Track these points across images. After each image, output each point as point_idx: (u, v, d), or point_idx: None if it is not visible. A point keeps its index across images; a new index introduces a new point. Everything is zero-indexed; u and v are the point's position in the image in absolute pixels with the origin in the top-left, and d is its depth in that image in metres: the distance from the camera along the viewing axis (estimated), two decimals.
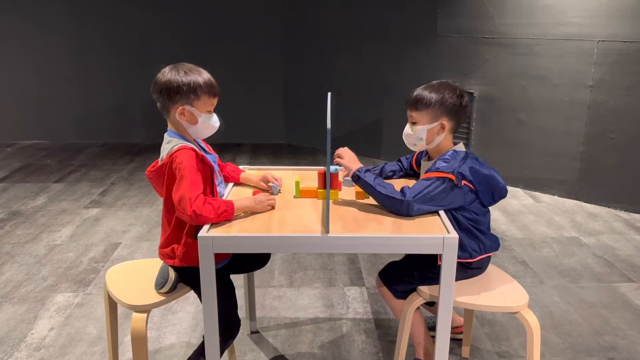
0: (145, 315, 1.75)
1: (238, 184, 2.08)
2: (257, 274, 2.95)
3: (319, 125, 5.49)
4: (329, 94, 1.82)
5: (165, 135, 1.80)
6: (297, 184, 1.92)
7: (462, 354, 2.30)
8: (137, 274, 1.95)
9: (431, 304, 2.32)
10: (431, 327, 2.28)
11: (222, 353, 1.73)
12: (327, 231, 1.57)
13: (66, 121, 6.04)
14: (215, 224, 1.65)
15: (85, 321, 2.54)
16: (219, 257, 1.73)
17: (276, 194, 1.96)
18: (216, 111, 1.85)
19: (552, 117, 4.20)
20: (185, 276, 1.82)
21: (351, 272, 3.04)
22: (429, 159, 1.98)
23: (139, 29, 5.75)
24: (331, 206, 1.82)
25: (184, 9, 5.69)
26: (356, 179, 1.83)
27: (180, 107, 1.74)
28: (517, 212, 3.99)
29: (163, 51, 5.70)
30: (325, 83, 5.46)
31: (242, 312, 2.06)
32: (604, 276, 3.02)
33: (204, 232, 1.58)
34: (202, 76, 1.75)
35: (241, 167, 2.15)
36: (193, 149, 1.72)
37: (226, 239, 1.57)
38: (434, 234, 1.60)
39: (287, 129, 6.06)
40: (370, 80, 5.21)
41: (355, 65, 5.26)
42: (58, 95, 5.96)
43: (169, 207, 1.76)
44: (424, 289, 1.85)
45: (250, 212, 1.74)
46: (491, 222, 1.97)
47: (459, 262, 1.71)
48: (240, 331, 1.90)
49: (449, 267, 1.57)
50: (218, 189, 1.84)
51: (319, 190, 1.91)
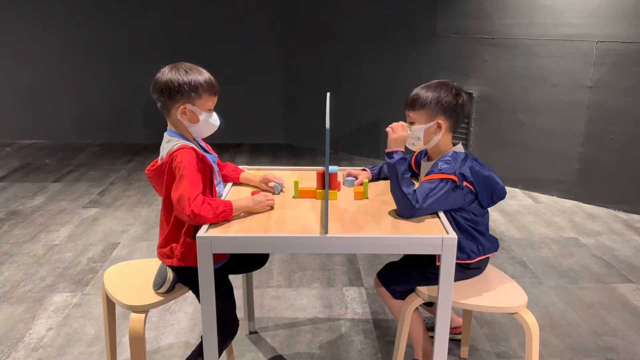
0: (144, 315, 1.75)
1: (237, 183, 2.07)
2: (256, 274, 2.95)
3: (317, 125, 5.48)
4: (328, 94, 1.82)
5: (165, 134, 1.80)
6: (296, 184, 1.92)
7: (461, 355, 2.30)
8: (135, 274, 1.95)
9: (430, 305, 2.31)
10: (430, 328, 2.28)
11: (220, 353, 1.72)
12: (326, 231, 1.57)
13: (65, 121, 6.03)
14: (213, 224, 1.64)
15: (83, 321, 2.54)
16: (217, 257, 1.72)
17: (278, 193, 1.96)
18: (215, 111, 1.85)
19: (551, 118, 4.20)
20: (184, 276, 1.82)
21: (350, 273, 3.04)
22: (429, 159, 1.98)
23: (137, 29, 5.74)
24: (330, 206, 1.82)
25: (183, 9, 5.68)
26: (388, 159, 1.80)
27: (181, 106, 1.75)
28: (516, 212, 3.99)
29: (162, 51, 5.70)
30: (324, 83, 5.46)
31: (240, 312, 2.06)
32: (603, 277, 3.02)
33: (202, 232, 1.57)
34: (202, 75, 1.76)
35: (240, 167, 2.14)
36: (193, 149, 1.72)
37: (225, 239, 1.57)
38: (433, 234, 1.60)
39: (286, 129, 6.06)
40: (369, 80, 5.21)
41: (354, 65, 5.26)
42: (57, 95, 5.95)
43: (168, 207, 1.76)
44: (423, 289, 1.85)
45: (249, 213, 1.74)
46: (490, 223, 1.97)
47: (457, 263, 1.71)
48: (238, 331, 1.90)
49: (447, 267, 1.57)
50: (217, 188, 1.84)
51: (317, 191, 1.91)
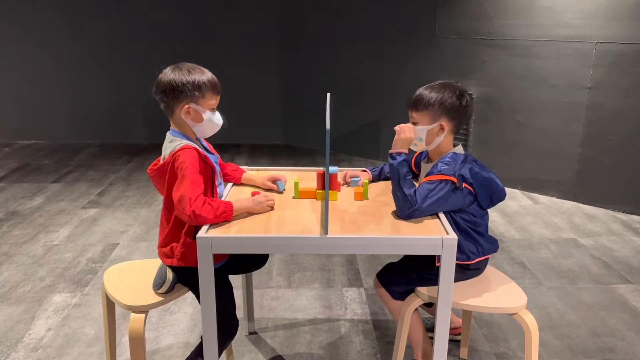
0: (143, 315, 1.75)
1: (238, 184, 2.07)
2: (256, 274, 2.95)
3: (317, 126, 5.49)
4: (328, 95, 1.82)
5: (168, 134, 1.80)
6: (296, 184, 1.92)
7: (461, 355, 2.30)
8: (135, 275, 1.95)
9: (429, 305, 2.31)
10: (429, 328, 2.28)
11: (220, 353, 1.72)
12: (326, 232, 1.57)
13: (64, 121, 6.02)
14: (214, 224, 1.65)
15: (83, 322, 2.54)
16: (217, 257, 1.72)
17: (282, 191, 1.96)
18: (217, 111, 1.85)
19: (551, 119, 4.20)
20: (184, 276, 1.82)
21: (349, 273, 3.04)
22: (429, 160, 1.98)
23: (137, 30, 5.74)
24: (330, 207, 1.82)
25: (183, 10, 5.68)
26: (391, 160, 1.80)
27: (185, 106, 1.75)
28: (515, 213, 4.00)
29: (161, 52, 5.70)
30: (323, 84, 5.46)
31: (240, 312, 2.06)
32: (602, 277, 3.03)
33: (202, 232, 1.58)
34: (205, 74, 1.76)
35: (241, 167, 2.14)
36: (196, 149, 1.72)
37: (225, 239, 1.57)
38: (433, 235, 1.60)
39: (285, 129, 6.06)
40: (369, 81, 5.21)
41: (354, 66, 5.26)
42: (56, 96, 5.95)
43: (169, 206, 1.76)
44: (422, 290, 1.85)
45: (249, 213, 1.74)
46: (489, 223, 1.97)
47: (457, 264, 1.71)
48: (238, 332, 1.90)
49: (447, 268, 1.57)
50: (218, 189, 1.84)
51: (317, 191, 1.91)
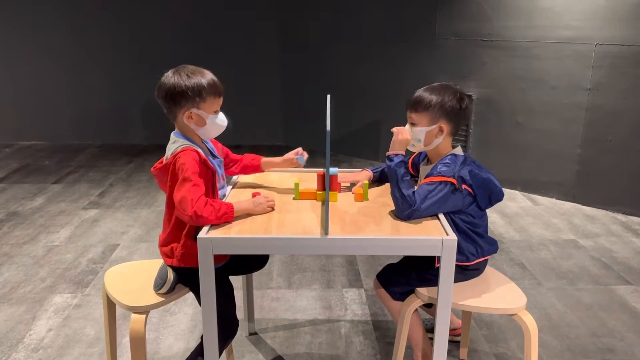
0: (144, 316, 1.76)
1: (237, 187, 2.08)
2: (256, 275, 2.96)
3: (317, 127, 5.49)
4: (329, 96, 1.83)
5: (172, 134, 1.81)
6: (297, 185, 1.92)
7: (460, 356, 2.30)
8: (135, 275, 1.95)
9: (429, 306, 2.32)
10: (429, 329, 2.28)
11: (220, 354, 1.73)
12: (326, 233, 1.57)
13: (64, 122, 6.03)
14: (214, 225, 1.65)
15: (84, 322, 2.54)
16: (217, 258, 1.73)
17: (303, 164, 2.02)
18: None
19: (550, 120, 4.21)
20: (184, 277, 1.82)
21: (349, 274, 3.05)
22: (428, 162, 1.99)
23: (137, 30, 5.75)
24: (330, 208, 1.83)
25: (183, 10, 5.69)
26: (388, 161, 1.82)
27: (187, 112, 1.75)
28: (515, 214, 4.00)
29: (162, 52, 5.71)
30: (323, 85, 5.46)
31: (240, 313, 2.06)
32: (602, 278, 3.03)
33: (203, 233, 1.58)
34: (205, 77, 1.75)
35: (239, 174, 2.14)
36: (197, 151, 1.72)
37: (226, 240, 1.57)
38: (433, 235, 1.61)
39: (285, 130, 6.06)
40: (369, 82, 5.22)
41: (354, 67, 5.27)
42: (56, 96, 5.95)
43: (171, 206, 1.76)
44: (422, 290, 1.86)
45: (249, 214, 1.75)
46: (489, 224, 1.98)
47: (456, 265, 1.72)
48: (238, 332, 1.91)
49: (447, 269, 1.58)
50: (219, 192, 1.84)
51: (318, 192, 1.92)
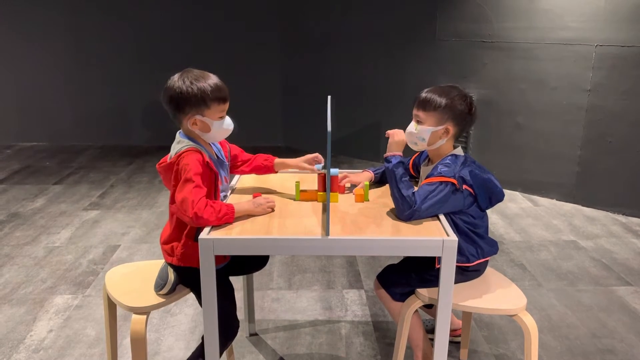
0: (145, 317, 1.76)
1: (238, 187, 2.08)
2: (256, 276, 2.96)
3: (317, 128, 5.49)
4: (329, 97, 1.83)
5: (178, 134, 1.82)
6: (297, 186, 1.93)
7: (460, 357, 2.31)
8: (136, 276, 1.95)
9: (429, 307, 2.32)
10: (429, 330, 2.29)
11: (220, 354, 1.73)
12: (327, 233, 1.58)
13: (65, 123, 6.04)
14: (215, 226, 1.65)
15: (84, 323, 2.55)
16: (218, 259, 1.73)
17: (319, 171, 2.00)
18: None
19: (550, 121, 4.21)
20: (185, 277, 1.82)
21: (350, 275, 3.05)
22: (429, 163, 1.99)
23: (137, 32, 5.75)
24: (331, 209, 1.83)
25: (183, 11, 5.70)
26: (386, 163, 1.83)
27: (191, 118, 1.75)
28: (515, 215, 4.00)
29: (162, 53, 5.71)
30: (324, 86, 5.47)
31: (240, 314, 2.07)
32: (602, 279, 3.03)
33: (204, 234, 1.58)
34: (210, 84, 1.72)
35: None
36: (200, 152, 1.73)
37: (227, 241, 1.58)
38: (434, 236, 1.61)
39: (286, 132, 6.07)
40: (369, 83, 5.22)
41: (354, 68, 5.27)
42: (57, 97, 5.96)
43: (174, 203, 1.76)
44: (423, 291, 1.86)
45: (250, 215, 1.75)
46: (489, 225, 1.98)
47: (456, 266, 1.72)
48: (238, 333, 1.91)
49: (448, 270, 1.58)
50: (221, 194, 1.85)
51: (318, 193, 1.92)
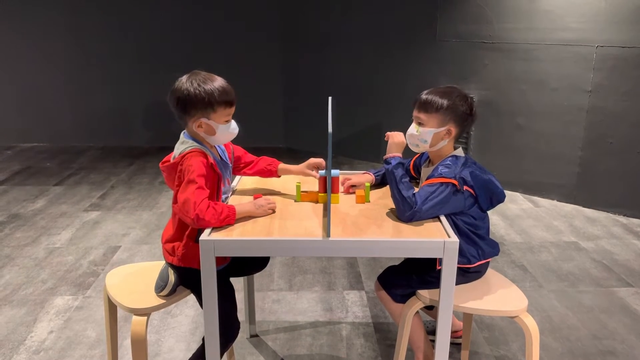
0: (145, 318, 1.76)
1: (239, 189, 2.08)
2: (257, 277, 2.96)
3: (318, 129, 5.49)
4: (330, 98, 1.83)
5: (182, 134, 1.82)
6: (298, 187, 1.93)
7: (461, 358, 2.30)
8: (136, 277, 1.95)
9: (430, 308, 2.32)
10: (430, 331, 2.28)
11: (221, 356, 1.73)
12: (328, 235, 1.58)
13: (66, 124, 6.04)
14: (216, 227, 1.65)
15: (85, 324, 2.54)
16: (218, 260, 1.73)
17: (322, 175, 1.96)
18: None
19: (551, 122, 4.21)
20: (185, 279, 1.82)
21: (350, 276, 3.05)
22: (429, 164, 1.99)
23: (138, 33, 5.75)
24: (332, 210, 1.83)
25: (184, 12, 5.70)
26: (386, 165, 1.84)
27: (197, 121, 1.74)
28: (516, 216, 4.00)
29: (163, 54, 5.71)
30: (324, 87, 5.47)
31: (241, 315, 2.07)
32: (603, 281, 3.03)
33: (205, 235, 1.58)
34: (217, 87, 1.72)
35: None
36: (204, 154, 1.73)
37: (227, 242, 1.57)
38: (435, 238, 1.61)
39: (286, 132, 6.07)
40: (369, 84, 5.22)
41: (355, 69, 5.27)
42: (58, 98, 5.96)
43: (176, 204, 1.76)
44: (424, 292, 1.86)
45: (251, 216, 1.75)
46: (490, 227, 1.98)
47: (457, 267, 1.72)
48: (239, 334, 1.91)
49: (449, 271, 1.58)
50: (223, 196, 1.84)
51: (319, 194, 1.92)
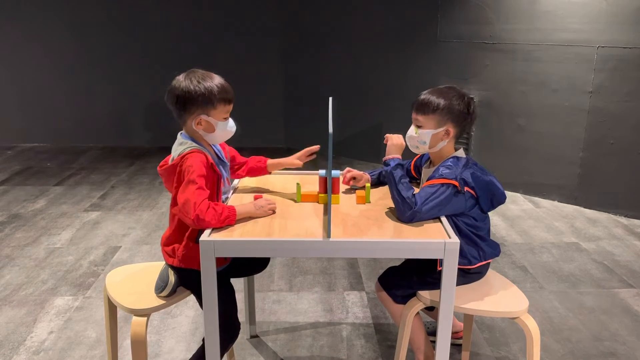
0: (145, 318, 1.75)
1: (239, 189, 2.08)
2: (257, 278, 2.95)
3: (318, 129, 5.47)
4: (330, 98, 1.83)
5: (179, 135, 1.81)
6: (298, 188, 1.92)
7: (462, 359, 2.30)
8: (137, 278, 1.95)
9: (430, 309, 2.31)
10: (431, 332, 2.28)
11: (221, 357, 1.73)
12: (329, 235, 1.57)
13: (66, 124, 6.04)
14: (216, 228, 1.65)
15: (85, 325, 2.54)
16: (219, 261, 1.73)
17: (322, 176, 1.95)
18: None
19: (552, 123, 4.21)
20: (186, 279, 1.82)
21: (351, 277, 3.04)
22: (430, 165, 1.99)
23: (139, 32, 5.75)
24: (332, 210, 1.83)
25: (184, 12, 5.70)
26: (385, 166, 1.84)
27: (196, 118, 1.75)
28: (517, 217, 4.00)
29: (163, 54, 5.71)
30: (324, 87, 5.47)
31: (241, 316, 2.06)
32: (604, 282, 3.02)
33: (205, 236, 1.58)
34: (216, 84, 1.73)
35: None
36: (204, 154, 1.72)
37: (228, 243, 1.57)
38: (435, 238, 1.61)
39: (286, 132, 6.07)
40: (370, 84, 5.22)
41: (356, 69, 5.27)
42: (58, 98, 5.96)
43: (175, 206, 1.76)
44: (424, 293, 1.85)
45: (251, 217, 1.74)
46: (491, 227, 1.98)
47: (458, 268, 1.71)
48: (239, 335, 1.90)
49: (449, 272, 1.57)
50: (223, 196, 1.84)
51: (320, 195, 1.92)
